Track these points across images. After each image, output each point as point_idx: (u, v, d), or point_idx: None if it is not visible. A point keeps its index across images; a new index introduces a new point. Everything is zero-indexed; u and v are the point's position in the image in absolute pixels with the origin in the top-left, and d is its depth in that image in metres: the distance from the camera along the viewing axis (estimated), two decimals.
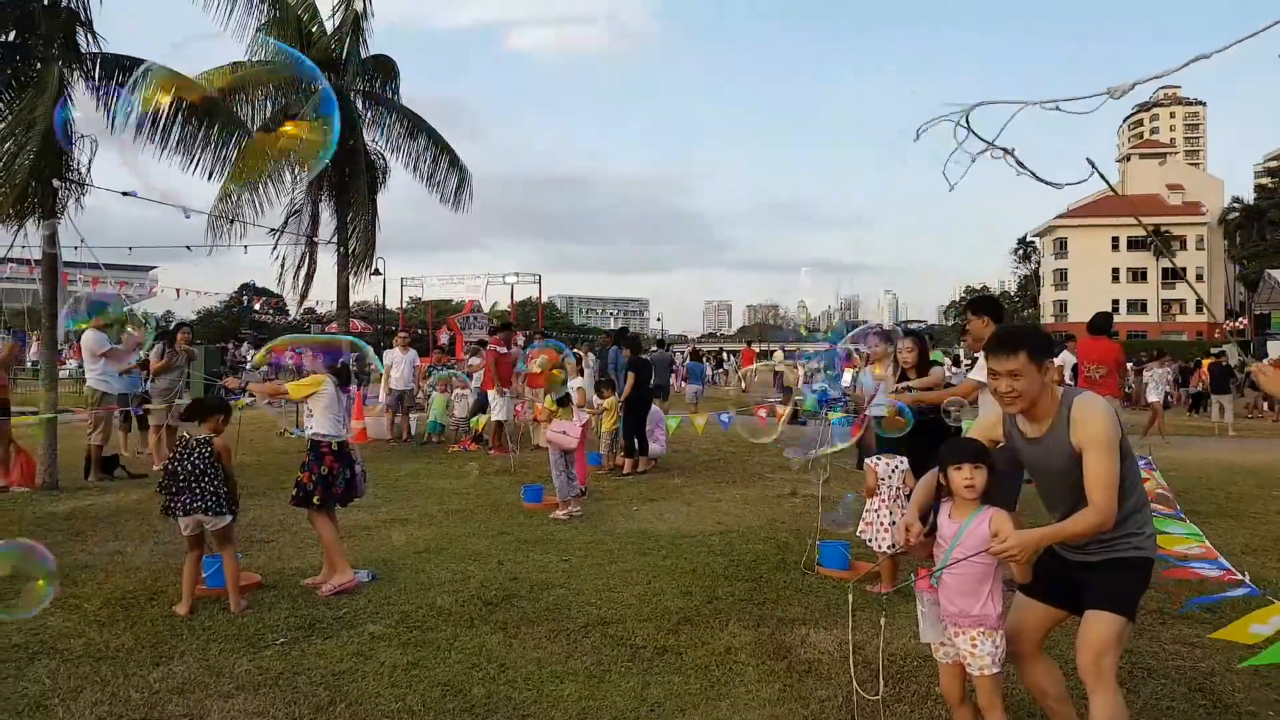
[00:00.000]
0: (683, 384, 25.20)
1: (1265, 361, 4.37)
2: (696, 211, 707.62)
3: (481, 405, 13.72)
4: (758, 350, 41.74)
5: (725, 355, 46.58)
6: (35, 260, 10.48)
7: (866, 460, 5.97)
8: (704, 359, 34.49)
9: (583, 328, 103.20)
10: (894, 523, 5.65)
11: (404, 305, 35.93)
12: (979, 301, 6.35)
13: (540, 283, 31.50)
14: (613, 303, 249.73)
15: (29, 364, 23.57)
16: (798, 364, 29.84)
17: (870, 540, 5.88)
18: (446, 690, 4.13)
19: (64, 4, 9.51)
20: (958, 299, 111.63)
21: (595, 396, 11.23)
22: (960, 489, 3.28)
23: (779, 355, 31.22)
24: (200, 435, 5.40)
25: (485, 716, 3.87)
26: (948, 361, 14.61)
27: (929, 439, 4.95)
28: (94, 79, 9.89)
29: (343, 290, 16.17)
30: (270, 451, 12.83)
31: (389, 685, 4.19)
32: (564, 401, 8.67)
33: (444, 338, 24.57)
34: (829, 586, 5.84)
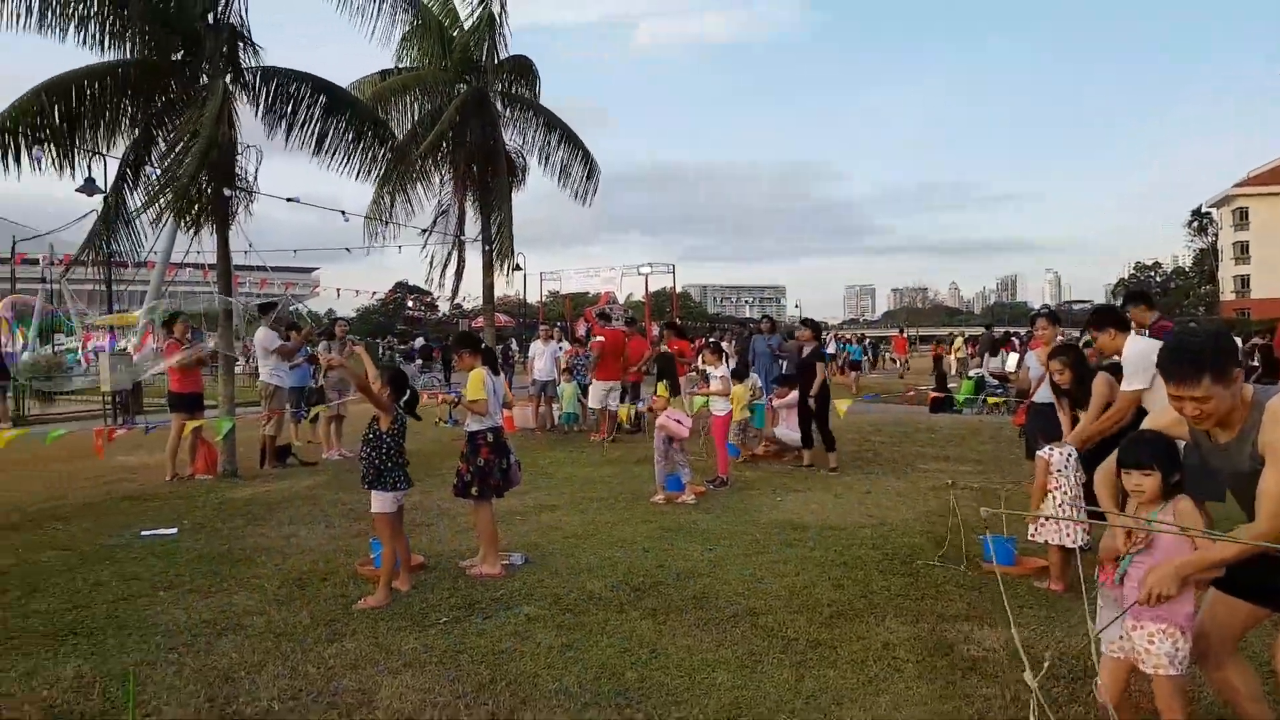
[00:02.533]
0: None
1: None
2: (836, 196, 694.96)
3: (620, 395, 13.92)
4: (910, 336, 40.09)
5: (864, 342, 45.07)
6: (210, 265, 11.32)
7: (1038, 452, 5.63)
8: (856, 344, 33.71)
9: (717, 316, 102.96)
10: (1069, 517, 5.33)
11: (543, 299, 36.80)
12: (1102, 314, 5.93)
13: (674, 272, 31.63)
14: (748, 290, 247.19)
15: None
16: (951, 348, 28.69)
17: (1033, 534, 5.62)
18: (601, 673, 4.23)
19: (226, 21, 10.17)
20: (1126, 276, 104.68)
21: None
22: (1131, 493, 3.10)
23: (958, 342, 29.25)
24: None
25: (639, 700, 3.93)
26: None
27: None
28: (254, 91, 10.58)
29: (488, 286, 16.74)
30: (426, 440, 13.41)
31: (546, 666, 4.32)
32: (675, 389, 8.71)
33: (581, 329, 25.04)
34: (993, 582, 5.62)
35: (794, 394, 10.94)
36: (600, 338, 13.87)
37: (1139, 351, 5.44)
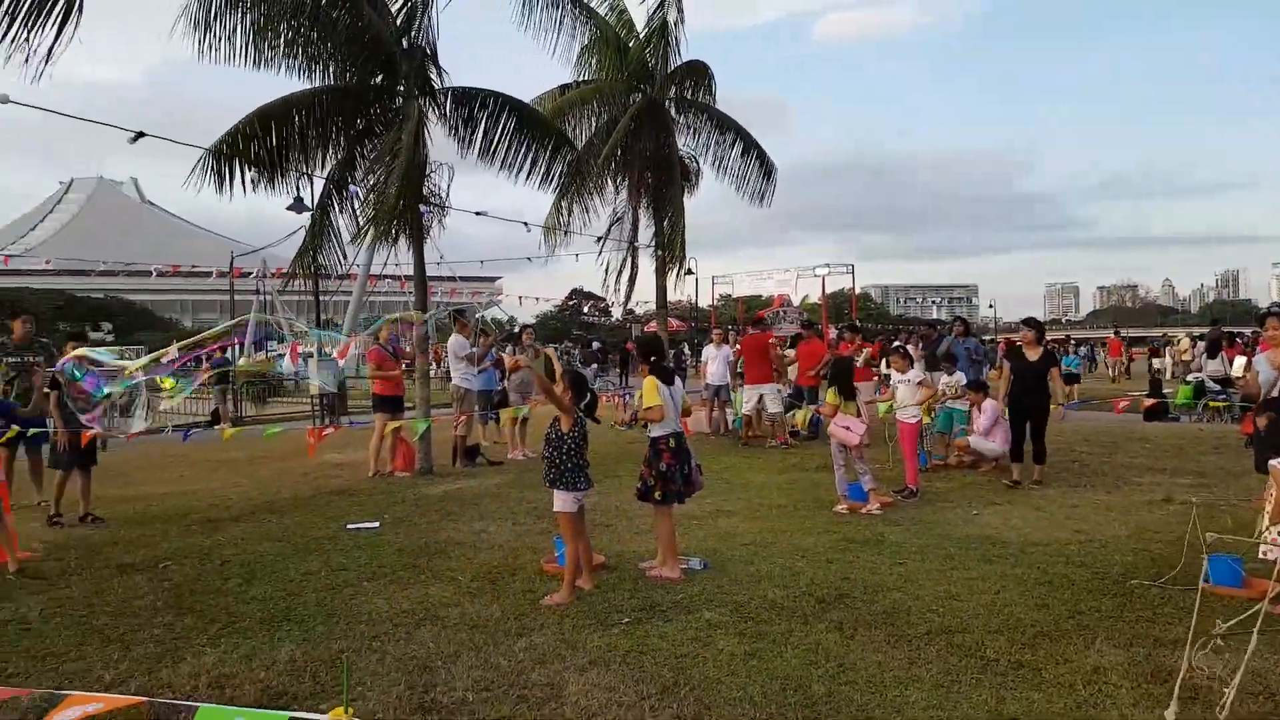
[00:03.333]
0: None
1: None
2: (1034, 189, 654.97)
3: (796, 400, 13.69)
4: (1126, 338, 36.85)
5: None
6: (406, 275, 12.01)
7: (1271, 463, 5.04)
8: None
9: (899, 318, 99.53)
10: None
11: (715, 303, 36.74)
12: None
13: (853, 272, 30.80)
14: (934, 290, 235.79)
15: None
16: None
17: (1265, 553, 5.04)
18: (786, 684, 4.12)
19: (419, 45, 10.75)
20: None
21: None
22: None
23: (1183, 343, 26.57)
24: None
25: (827, 714, 3.80)
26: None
27: None
28: (445, 110, 11.14)
29: (661, 290, 16.90)
30: (605, 443, 13.69)
31: (729, 673, 4.26)
32: (849, 395, 8.38)
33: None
34: (1218, 606, 5.08)
35: (993, 403, 10.38)
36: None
37: None
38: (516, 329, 15.74)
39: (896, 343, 12.92)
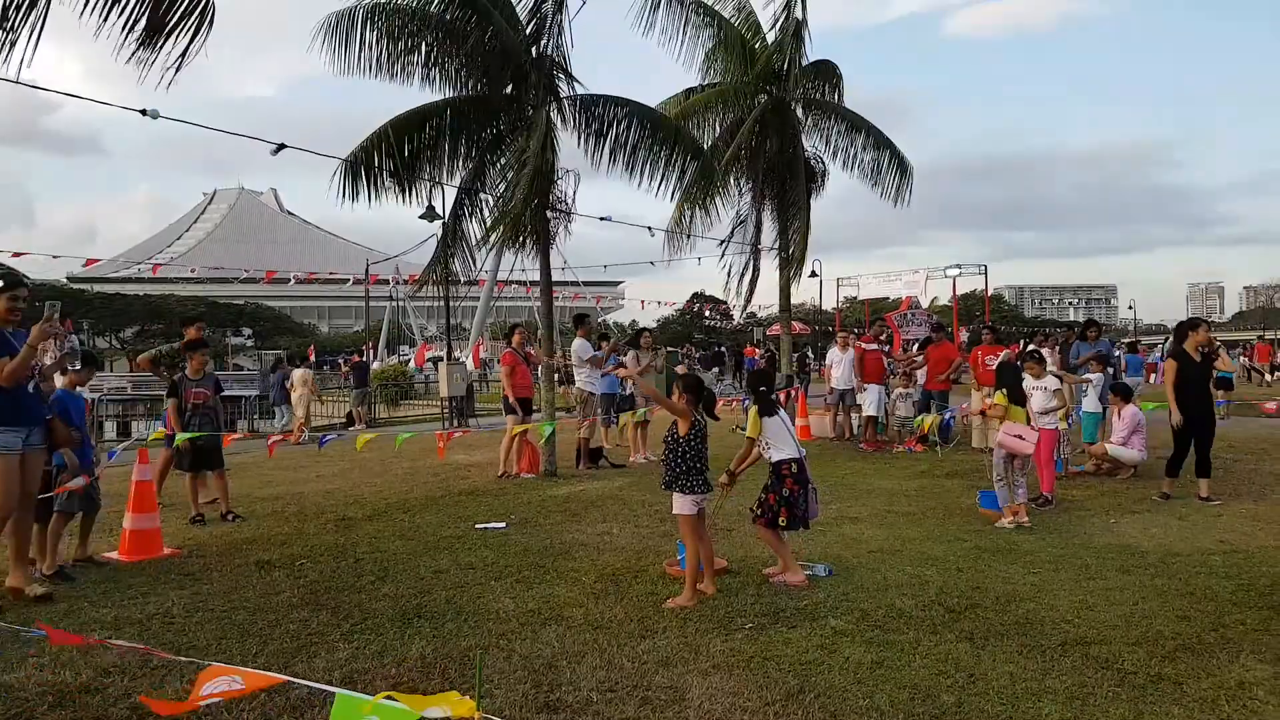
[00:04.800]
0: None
1: None
2: (1178, 185, 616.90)
3: (925, 404, 13.32)
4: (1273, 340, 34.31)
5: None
6: (533, 281, 12.31)
7: None
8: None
9: (1035, 320, 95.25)
10: None
11: (840, 305, 36.15)
12: None
13: (985, 273, 29.75)
14: (1071, 290, 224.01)
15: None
16: None
17: None
18: (915, 693, 4.03)
19: (548, 54, 11.00)
20: None
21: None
22: None
23: None
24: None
25: None
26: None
27: None
28: (574, 118, 11.35)
29: (784, 293, 16.74)
30: (725, 446, 13.65)
31: (855, 681, 4.20)
32: (1019, 400, 8.03)
33: (882, 336, 24.18)
34: None
35: (1133, 409, 9.88)
36: (870, 346, 13.59)
37: None
38: (638, 331, 15.82)
39: (1031, 347, 12.41)
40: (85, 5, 6.42)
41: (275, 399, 19.22)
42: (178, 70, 6.76)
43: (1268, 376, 30.09)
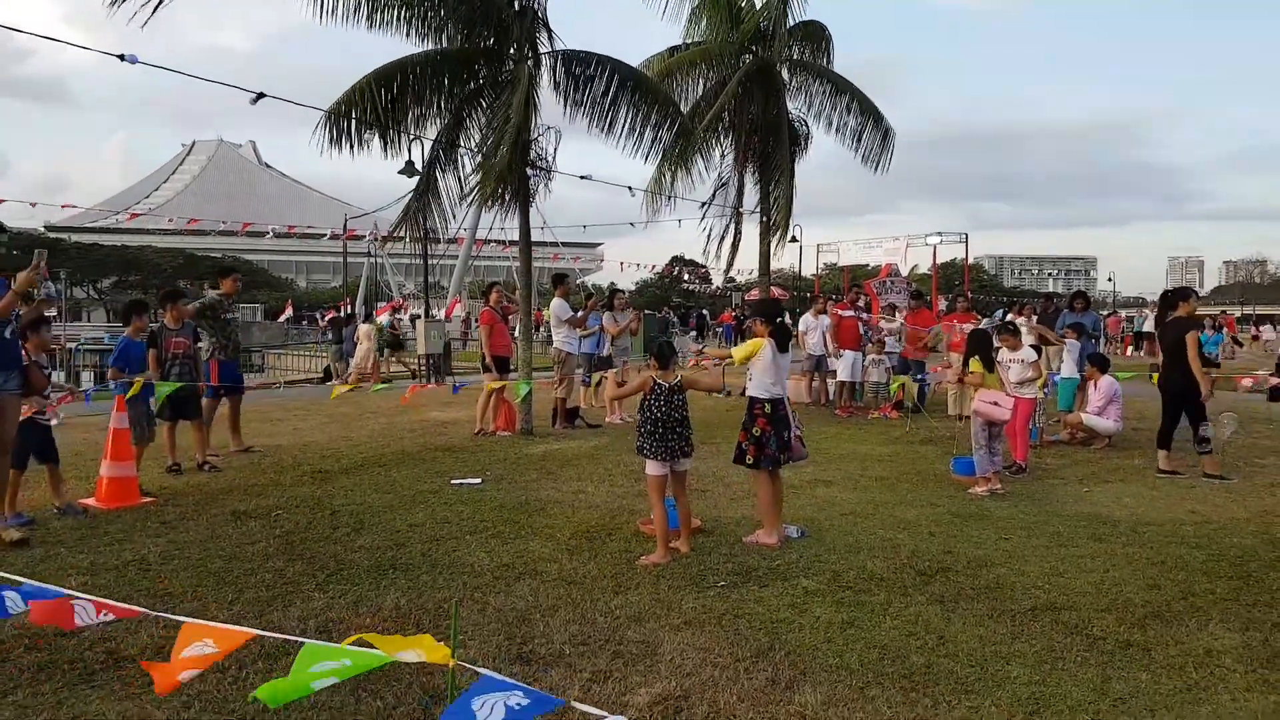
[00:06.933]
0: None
1: None
2: (1157, 160, 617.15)
3: (903, 371, 13.38)
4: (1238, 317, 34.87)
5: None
6: (511, 240, 12.16)
7: None
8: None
9: (1014, 290, 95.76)
10: None
11: (819, 271, 36.12)
12: None
13: (966, 242, 29.75)
14: (1051, 261, 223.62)
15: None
16: None
17: None
18: (884, 653, 4.07)
19: (530, 7, 10.77)
20: None
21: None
22: None
23: None
24: (669, 382, 5.70)
25: (926, 686, 3.74)
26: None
27: None
28: (554, 74, 11.15)
29: (764, 258, 16.66)
30: (705, 409, 13.66)
31: (825, 640, 4.23)
32: (991, 367, 8.04)
33: (860, 303, 24.19)
34: None
35: (1109, 380, 9.97)
36: (847, 312, 13.65)
37: None
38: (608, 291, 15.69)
39: (1010, 317, 12.47)
40: None
41: (346, 350, 21.72)
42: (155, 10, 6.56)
43: (1237, 348, 30.63)
